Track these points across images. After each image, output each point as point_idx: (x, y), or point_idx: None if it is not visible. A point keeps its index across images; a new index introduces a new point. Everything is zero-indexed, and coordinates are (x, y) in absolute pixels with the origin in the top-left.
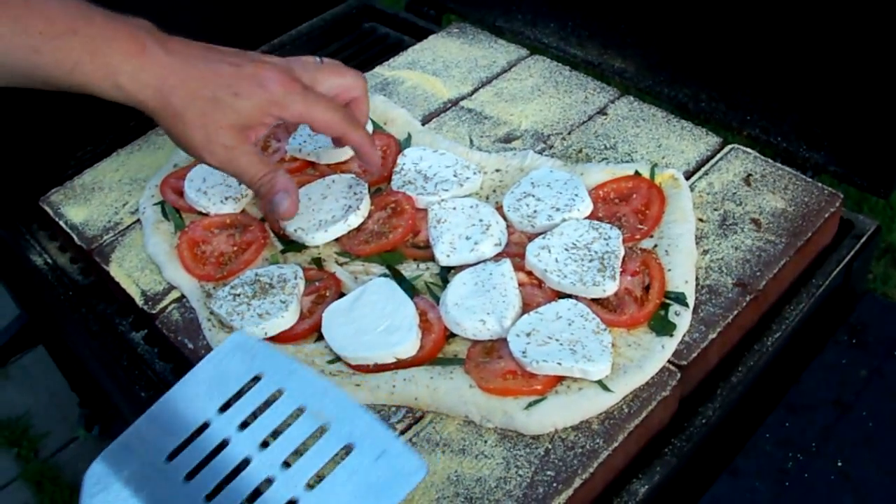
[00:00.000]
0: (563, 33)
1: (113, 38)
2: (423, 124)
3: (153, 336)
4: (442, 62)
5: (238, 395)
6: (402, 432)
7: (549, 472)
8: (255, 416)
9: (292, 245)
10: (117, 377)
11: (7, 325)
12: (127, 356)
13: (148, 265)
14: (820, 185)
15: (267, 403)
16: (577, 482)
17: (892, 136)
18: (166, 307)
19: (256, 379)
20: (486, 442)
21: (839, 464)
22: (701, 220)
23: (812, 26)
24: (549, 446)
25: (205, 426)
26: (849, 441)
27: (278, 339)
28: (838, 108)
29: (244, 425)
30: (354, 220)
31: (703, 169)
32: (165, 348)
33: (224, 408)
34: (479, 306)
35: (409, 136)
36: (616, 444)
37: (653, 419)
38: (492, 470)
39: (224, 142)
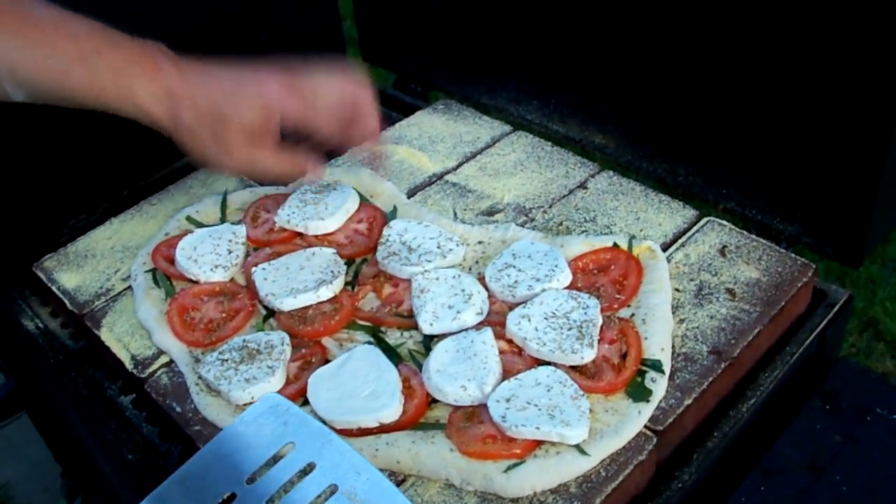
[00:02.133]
0: (545, 110)
1: (134, 62)
2: (408, 197)
3: (141, 400)
4: (428, 137)
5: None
6: None
7: None
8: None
9: (273, 312)
10: (105, 441)
11: None
12: (115, 419)
13: (138, 330)
14: (793, 255)
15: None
16: None
17: (861, 210)
18: (155, 371)
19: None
20: None
21: None
22: (677, 289)
23: (785, 106)
24: None
25: (232, 497)
26: None
27: None
28: (810, 182)
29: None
30: (325, 294)
31: (680, 241)
32: (153, 413)
33: (252, 478)
34: (460, 373)
35: (395, 208)
36: None
37: (629, 483)
38: None
39: (239, 149)
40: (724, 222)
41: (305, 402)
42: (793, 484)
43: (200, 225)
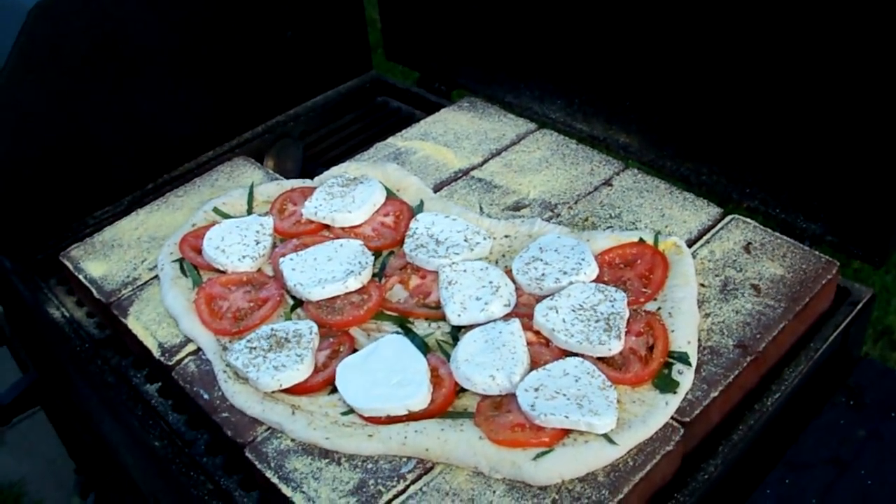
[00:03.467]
0: (569, 110)
1: None
2: (434, 192)
3: (167, 389)
4: (453, 134)
5: None
6: (413, 482)
7: None
8: None
9: (301, 302)
10: (130, 429)
11: (15, 383)
12: (142, 407)
13: (165, 319)
14: (817, 253)
15: None
16: None
17: (885, 208)
18: (182, 359)
19: None
20: (494, 493)
21: None
22: (703, 285)
23: (808, 105)
24: (556, 497)
25: None
26: (849, 499)
27: (293, 390)
28: (834, 181)
29: None
30: (353, 284)
31: (705, 238)
32: (179, 401)
33: None
34: (489, 362)
35: (422, 202)
36: (621, 496)
37: (656, 473)
38: None
39: None
40: (749, 220)
41: (333, 391)
42: (818, 478)
43: (227, 216)
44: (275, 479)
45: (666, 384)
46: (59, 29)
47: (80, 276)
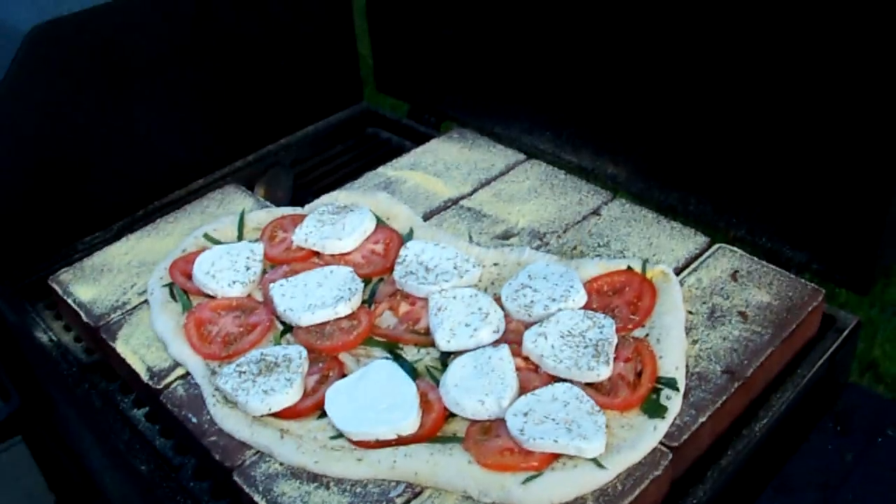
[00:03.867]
0: (558, 141)
1: None
2: (424, 221)
3: (154, 414)
4: (443, 164)
5: None
6: None
7: None
8: None
9: (291, 327)
10: (115, 454)
11: None
12: (129, 430)
13: (154, 343)
14: (803, 281)
15: None
16: None
17: (868, 235)
18: (171, 383)
19: None
20: None
21: None
22: (690, 312)
23: (793, 136)
24: None
25: None
26: None
27: (282, 415)
28: (819, 211)
29: None
30: (343, 310)
31: (692, 266)
32: (167, 426)
33: None
34: (478, 387)
35: (411, 230)
36: None
37: (645, 498)
38: None
39: None
40: (735, 249)
41: (322, 415)
42: (806, 502)
43: (218, 242)
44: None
45: (654, 409)
46: (54, 54)
47: (69, 300)
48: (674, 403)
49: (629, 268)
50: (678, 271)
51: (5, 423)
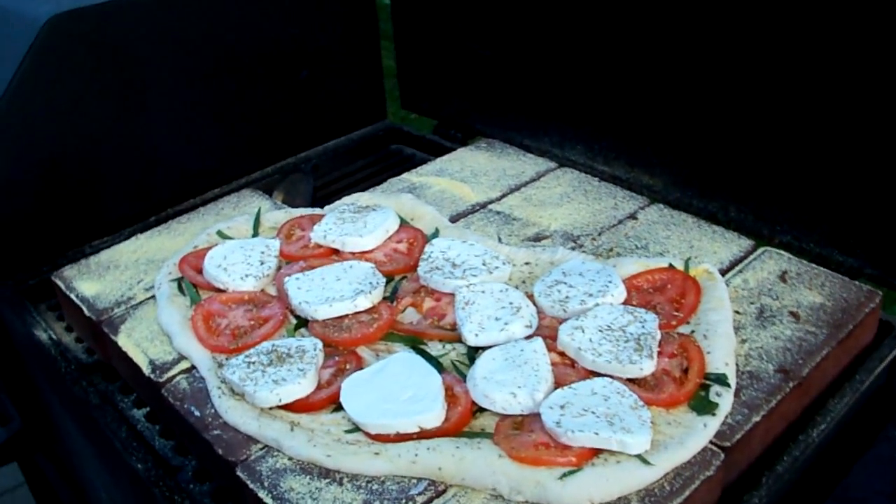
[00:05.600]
0: (590, 154)
1: None
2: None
3: (154, 414)
4: (470, 171)
5: None
6: None
7: None
8: None
9: (306, 322)
10: (112, 452)
11: None
12: (126, 428)
13: (158, 337)
14: (857, 283)
15: None
16: None
17: None
18: (174, 377)
19: None
20: None
21: None
22: (737, 312)
23: (840, 137)
24: None
25: None
26: None
27: (293, 407)
28: (872, 213)
29: None
30: (363, 303)
31: (737, 268)
32: (167, 426)
33: None
34: (509, 380)
35: (437, 230)
36: None
37: (695, 501)
38: None
39: None
40: (782, 252)
41: (337, 409)
42: None
43: (231, 239)
44: (268, 500)
45: (703, 406)
46: (71, 47)
47: (72, 295)
48: (725, 400)
49: (671, 265)
50: (722, 273)
51: (4, 447)
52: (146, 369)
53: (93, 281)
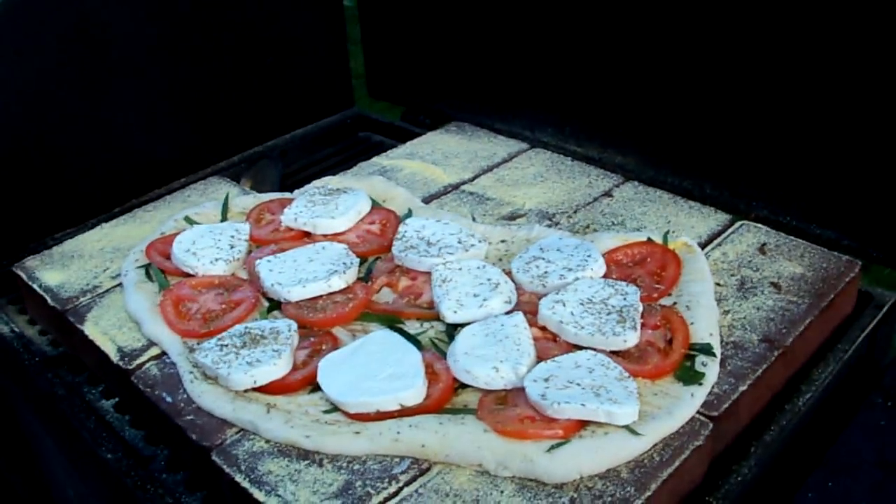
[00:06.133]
0: (561, 135)
1: None
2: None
3: (124, 404)
4: (441, 153)
5: None
6: (407, 484)
7: None
8: None
9: (279, 304)
10: (80, 444)
11: None
12: (94, 419)
13: (126, 324)
14: (836, 253)
15: None
16: None
17: None
18: (144, 363)
19: None
20: (502, 492)
21: None
22: (718, 284)
23: (816, 111)
24: (575, 495)
25: None
26: None
27: (268, 389)
28: (849, 186)
29: None
30: (337, 283)
31: (716, 242)
32: (138, 415)
33: None
34: (491, 355)
35: (410, 211)
36: (649, 493)
37: (685, 471)
38: None
39: None
40: (760, 225)
41: (314, 390)
42: (864, 480)
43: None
44: (245, 484)
45: (690, 376)
46: (31, 28)
47: (34, 285)
48: (711, 370)
49: (649, 239)
50: (701, 246)
51: None
52: (115, 357)
53: (56, 270)
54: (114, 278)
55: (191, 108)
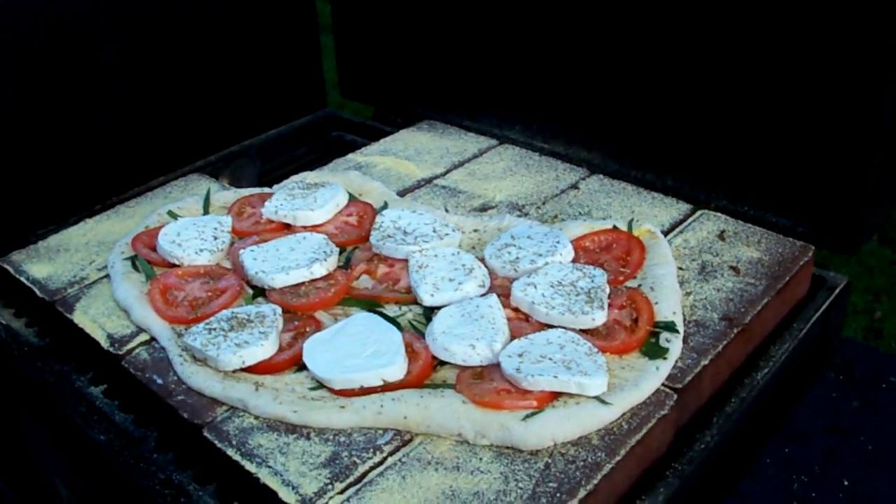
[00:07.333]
0: (529, 132)
1: None
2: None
3: (113, 391)
4: (414, 150)
5: None
6: (391, 454)
7: (551, 484)
8: None
9: (262, 291)
10: (70, 428)
11: None
12: (85, 404)
13: (115, 312)
14: (791, 239)
15: None
16: (582, 493)
17: (855, 195)
18: (133, 349)
19: None
20: (481, 459)
21: (845, 483)
22: (681, 268)
23: (769, 103)
24: (549, 461)
25: None
26: (853, 463)
27: (256, 369)
28: (802, 175)
29: None
30: (318, 270)
31: (678, 229)
32: (127, 400)
33: None
34: (467, 333)
35: (386, 204)
36: (618, 458)
37: (652, 439)
38: (489, 484)
39: None
40: (719, 214)
41: (300, 370)
42: (817, 446)
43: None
44: (237, 457)
45: (654, 351)
46: (10, 30)
47: (22, 278)
48: (674, 345)
49: (614, 227)
50: (664, 234)
51: None
52: (105, 343)
53: (43, 264)
54: (100, 270)
55: (170, 108)
